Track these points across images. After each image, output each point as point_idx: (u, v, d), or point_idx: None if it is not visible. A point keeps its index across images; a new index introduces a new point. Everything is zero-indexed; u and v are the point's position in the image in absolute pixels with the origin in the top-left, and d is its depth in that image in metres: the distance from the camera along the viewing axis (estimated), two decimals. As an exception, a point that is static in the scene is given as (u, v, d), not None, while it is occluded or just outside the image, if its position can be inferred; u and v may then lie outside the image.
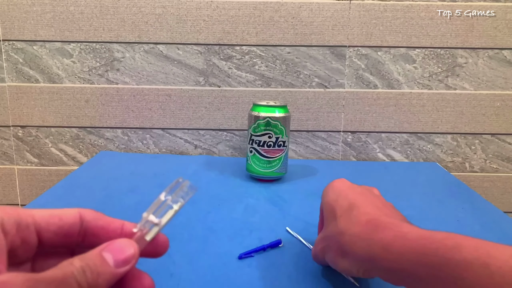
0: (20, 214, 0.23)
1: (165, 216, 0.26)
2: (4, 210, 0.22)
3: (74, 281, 0.20)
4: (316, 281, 0.40)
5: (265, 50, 0.81)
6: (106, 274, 0.22)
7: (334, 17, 0.80)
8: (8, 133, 0.85)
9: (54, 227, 0.24)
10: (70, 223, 0.24)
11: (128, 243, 0.24)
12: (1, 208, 0.23)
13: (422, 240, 0.27)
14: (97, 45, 0.81)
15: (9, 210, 0.23)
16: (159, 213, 0.26)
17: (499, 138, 0.85)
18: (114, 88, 0.83)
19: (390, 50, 0.81)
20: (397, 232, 0.29)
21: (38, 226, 0.23)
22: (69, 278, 0.20)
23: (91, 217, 0.25)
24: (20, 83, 0.82)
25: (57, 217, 0.24)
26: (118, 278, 0.23)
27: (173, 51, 0.81)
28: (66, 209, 0.25)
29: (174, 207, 0.26)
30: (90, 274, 0.21)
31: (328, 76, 0.82)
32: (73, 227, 0.25)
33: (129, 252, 0.23)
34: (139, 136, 0.86)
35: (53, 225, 0.24)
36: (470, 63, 0.82)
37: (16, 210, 0.23)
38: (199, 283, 0.39)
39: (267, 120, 0.65)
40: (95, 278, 0.21)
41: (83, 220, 0.25)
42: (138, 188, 0.64)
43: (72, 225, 0.25)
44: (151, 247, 0.26)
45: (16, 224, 0.22)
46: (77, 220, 0.25)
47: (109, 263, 0.22)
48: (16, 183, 0.87)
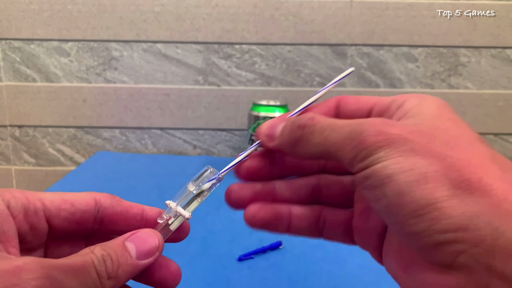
0: (29, 198, 0.21)
1: (190, 206, 0.25)
2: (11, 193, 0.21)
3: (93, 270, 0.19)
4: (317, 283, 0.39)
5: (265, 48, 0.80)
6: (127, 265, 0.21)
7: (335, 15, 0.79)
8: (5, 133, 0.84)
9: (65, 214, 0.22)
10: (83, 210, 0.23)
11: (152, 234, 0.22)
12: (8, 191, 0.21)
13: None
14: (94, 43, 0.80)
15: (17, 194, 0.21)
16: (182, 202, 0.25)
17: (502, 138, 0.84)
18: (112, 88, 0.82)
19: (392, 48, 0.80)
20: None
21: (48, 211, 0.22)
22: (88, 266, 0.19)
23: (108, 203, 0.24)
24: (17, 82, 0.81)
25: (68, 203, 0.23)
26: (140, 270, 0.22)
27: (171, 49, 0.80)
28: (80, 194, 0.23)
29: (198, 198, 0.25)
30: (111, 265, 0.20)
31: (329, 75, 0.82)
32: (87, 214, 0.23)
33: (153, 244, 0.22)
34: (137, 136, 0.85)
35: (64, 211, 0.22)
36: (473, 62, 0.81)
37: (24, 194, 0.22)
38: (199, 285, 0.38)
39: (267, 120, 0.64)
40: (115, 269, 0.20)
41: (99, 207, 0.23)
42: (137, 188, 0.63)
43: (85, 212, 0.23)
44: (173, 233, 0.25)
45: (23, 208, 0.21)
46: (91, 207, 0.23)
47: (132, 254, 0.21)
48: (13, 184, 0.86)
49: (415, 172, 0.18)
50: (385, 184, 0.18)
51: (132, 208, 0.25)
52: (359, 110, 0.25)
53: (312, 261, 0.43)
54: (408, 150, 0.18)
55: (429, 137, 0.19)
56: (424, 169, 0.18)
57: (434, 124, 0.20)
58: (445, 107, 0.22)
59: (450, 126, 0.20)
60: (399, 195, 0.18)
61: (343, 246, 0.28)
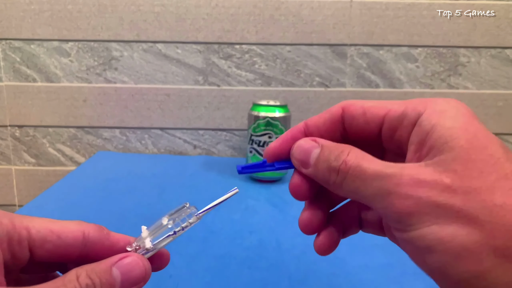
0: (15, 225, 0.21)
1: (161, 241, 0.24)
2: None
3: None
4: (317, 283, 0.39)
5: (265, 48, 0.81)
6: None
7: (335, 16, 0.79)
8: (5, 133, 0.84)
9: (49, 246, 0.21)
10: (69, 244, 0.22)
11: (140, 262, 0.22)
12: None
13: None
14: (95, 44, 0.80)
15: (4, 220, 0.20)
16: (157, 234, 0.24)
17: (502, 138, 0.84)
18: (112, 88, 0.82)
19: (391, 49, 0.80)
20: None
21: (32, 242, 0.21)
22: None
23: (96, 237, 0.23)
24: (18, 82, 0.81)
25: (55, 235, 0.21)
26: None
27: (172, 50, 0.81)
28: (69, 225, 0.22)
29: (172, 233, 0.24)
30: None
31: (329, 75, 0.82)
32: (72, 248, 0.22)
33: (140, 274, 0.21)
34: (138, 136, 0.85)
35: (49, 243, 0.21)
36: (472, 62, 0.81)
37: (12, 220, 0.21)
38: (198, 284, 0.38)
39: (267, 120, 0.64)
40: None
41: (86, 241, 0.22)
42: (137, 188, 0.63)
43: (71, 246, 0.22)
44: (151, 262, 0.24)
45: (8, 237, 0.20)
46: (78, 241, 0.22)
47: (117, 282, 0.20)
48: (14, 184, 0.86)
49: (454, 245, 0.17)
50: (424, 254, 0.18)
51: (118, 241, 0.24)
52: (368, 125, 0.23)
53: (312, 261, 0.43)
54: (442, 216, 0.18)
55: (463, 190, 0.18)
56: (463, 240, 0.17)
57: (467, 158, 0.18)
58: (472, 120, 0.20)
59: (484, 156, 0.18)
60: (441, 267, 0.18)
61: (343, 246, 0.28)
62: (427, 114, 0.20)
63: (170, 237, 0.24)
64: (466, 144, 0.18)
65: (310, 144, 0.24)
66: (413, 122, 0.21)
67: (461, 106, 0.21)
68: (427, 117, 0.20)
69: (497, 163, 0.18)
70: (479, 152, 0.18)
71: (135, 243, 0.24)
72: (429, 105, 0.21)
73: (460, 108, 0.20)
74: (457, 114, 0.20)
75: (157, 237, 0.24)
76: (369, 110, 0.23)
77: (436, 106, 0.21)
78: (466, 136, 0.19)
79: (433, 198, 0.18)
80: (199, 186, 0.65)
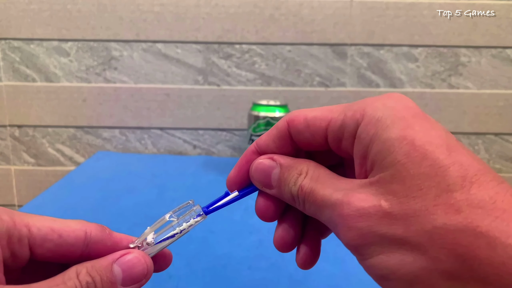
0: (16, 222, 0.20)
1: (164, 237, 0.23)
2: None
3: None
4: (317, 283, 0.39)
5: (265, 48, 0.80)
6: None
7: (335, 15, 0.79)
8: (4, 133, 0.84)
9: (50, 245, 0.21)
10: (70, 243, 0.21)
11: (142, 259, 0.21)
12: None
13: None
14: (94, 43, 0.80)
15: (5, 216, 0.20)
16: (161, 233, 0.23)
17: (502, 138, 0.84)
18: (111, 87, 0.82)
19: (392, 48, 0.80)
20: None
21: (33, 240, 0.20)
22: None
23: (98, 236, 0.22)
24: (17, 82, 0.81)
25: (56, 233, 0.21)
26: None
27: (171, 49, 0.80)
28: (70, 224, 0.22)
29: (176, 231, 0.24)
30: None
31: (330, 75, 0.81)
32: (74, 248, 0.21)
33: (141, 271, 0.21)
34: (137, 136, 0.85)
35: (50, 242, 0.21)
36: (473, 62, 0.81)
37: (12, 217, 0.20)
38: (198, 285, 0.38)
39: (267, 120, 0.64)
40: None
41: (89, 241, 0.22)
42: (136, 188, 0.63)
43: (72, 245, 0.21)
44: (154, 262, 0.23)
45: (8, 234, 0.20)
46: (80, 241, 0.21)
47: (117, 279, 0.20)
48: (13, 184, 0.86)
49: (404, 273, 0.17)
50: (382, 281, 0.18)
51: (121, 241, 0.23)
52: (314, 138, 0.22)
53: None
54: (386, 246, 0.17)
55: (402, 215, 0.17)
56: (411, 268, 0.17)
57: (406, 175, 0.17)
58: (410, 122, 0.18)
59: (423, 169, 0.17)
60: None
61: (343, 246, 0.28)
62: (364, 124, 0.20)
63: (175, 236, 0.23)
64: (404, 158, 0.18)
65: (268, 164, 0.24)
66: (353, 133, 0.20)
67: (399, 105, 0.19)
68: (364, 128, 0.19)
69: (437, 175, 0.17)
70: (417, 165, 0.17)
71: (138, 239, 0.23)
72: (366, 112, 0.20)
73: (398, 110, 0.19)
74: (393, 120, 0.19)
75: (161, 234, 0.23)
76: (312, 122, 0.22)
77: (373, 112, 0.19)
78: (403, 148, 0.18)
79: (374, 229, 0.18)
80: (199, 186, 0.65)
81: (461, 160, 0.17)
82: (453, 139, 0.18)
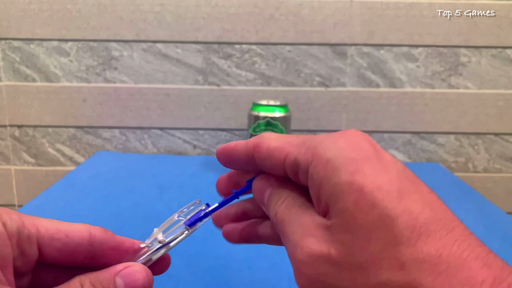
0: (24, 222, 0.21)
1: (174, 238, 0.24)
2: (9, 214, 0.20)
3: None
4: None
5: (265, 48, 0.80)
6: None
7: (335, 15, 0.79)
8: (4, 133, 0.84)
9: (58, 244, 0.21)
10: (76, 242, 0.22)
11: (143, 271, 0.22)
12: (5, 212, 0.20)
13: None
14: (94, 43, 0.80)
15: (14, 216, 0.20)
16: (169, 233, 0.24)
17: (502, 138, 0.84)
18: (111, 87, 0.82)
19: (392, 48, 0.80)
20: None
21: (41, 239, 0.21)
22: None
23: (102, 238, 0.23)
24: (17, 82, 0.81)
25: (63, 233, 0.22)
26: None
27: (171, 49, 0.80)
28: (75, 225, 0.22)
29: (185, 230, 0.24)
30: None
31: (330, 75, 0.81)
32: (80, 248, 0.22)
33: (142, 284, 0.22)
34: (137, 136, 0.85)
35: (58, 241, 0.21)
36: (473, 62, 0.81)
37: (21, 217, 0.21)
38: (198, 285, 0.38)
39: (267, 120, 0.64)
40: None
41: (93, 242, 0.22)
42: (136, 188, 0.63)
43: (79, 245, 0.22)
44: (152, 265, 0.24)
45: (18, 232, 0.20)
46: (85, 241, 0.22)
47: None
48: (13, 184, 0.86)
49: None
50: None
51: (124, 243, 0.24)
52: (275, 168, 0.22)
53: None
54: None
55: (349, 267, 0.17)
56: None
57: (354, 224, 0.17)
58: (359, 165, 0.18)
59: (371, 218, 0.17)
60: None
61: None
62: (314, 165, 0.19)
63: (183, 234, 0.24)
64: (353, 206, 0.17)
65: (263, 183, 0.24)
66: (306, 171, 0.20)
67: (349, 145, 0.19)
68: (314, 168, 0.19)
69: (385, 225, 0.16)
70: (365, 215, 0.17)
71: (148, 240, 0.24)
72: (316, 152, 0.19)
73: (348, 151, 0.19)
74: (342, 162, 0.18)
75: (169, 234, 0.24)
76: (272, 153, 0.22)
77: (323, 152, 0.19)
78: (352, 194, 0.17)
79: (322, 278, 0.18)
80: (199, 186, 0.65)
81: (412, 207, 0.17)
82: (407, 180, 0.18)
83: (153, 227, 0.25)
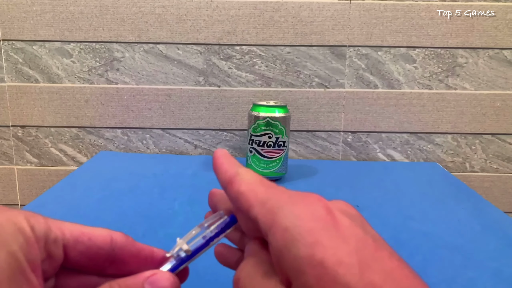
0: (50, 225, 0.21)
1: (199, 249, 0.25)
2: (36, 218, 0.20)
3: None
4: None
5: (265, 50, 0.81)
6: None
7: (334, 17, 0.79)
8: (7, 133, 0.85)
9: (82, 247, 0.22)
10: (99, 246, 0.22)
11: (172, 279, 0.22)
12: (33, 216, 0.21)
13: None
14: (96, 45, 0.81)
15: (40, 219, 0.21)
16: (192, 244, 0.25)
17: (499, 138, 0.85)
18: (113, 88, 0.83)
19: (390, 50, 0.81)
20: None
21: (67, 242, 0.21)
22: None
23: (122, 243, 0.23)
24: (20, 83, 0.82)
25: (86, 236, 0.22)
26: None
27: (173, 51, 0.81)
28: (97, 229, 0.23)
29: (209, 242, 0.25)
30: None
31: (328, 76, 0.82)
32: (102, 251, 0.23)
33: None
34: (139, 136, 0.86)
35: (81, 244, 0.22)
36: (470, 63, 0.82)
37: (47, 221, 0.21)
38: (199, 284, 0.39)
39: (267, 120, 0.65)
40: None
41: (114, 246, 0.23)
42: (138, 188, 0.64)
43: (101, 248, 0.22)
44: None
45: (45, 236, 0.20)
46: (107, 245, 0.23)
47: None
48: (16, 183, 0.87)
49: None
50: None
51: (143, 249, 0.24)
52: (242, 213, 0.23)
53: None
54: None
55: None
56: None
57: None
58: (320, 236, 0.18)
59: None
60: None
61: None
62: (273, 232, 0.19)
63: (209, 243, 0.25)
64: (315, 282, 0.17)
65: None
66: (266, 234, 0.20)
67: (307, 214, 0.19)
68: (273, 236, 0.19)
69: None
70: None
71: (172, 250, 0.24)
72: (275, 218, 0.19)
73: (306, 220, 0.18)
74: (301, 232, 0.18)
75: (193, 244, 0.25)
76: (239, 199, 0.22)
77: (281, 220, 0.19)
78: (314, 270, 0.17)
79: None
80: (200, 185, 0.66)
81: (374, 280, 0.16)
82: (366, 248, 0.18)
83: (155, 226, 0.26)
